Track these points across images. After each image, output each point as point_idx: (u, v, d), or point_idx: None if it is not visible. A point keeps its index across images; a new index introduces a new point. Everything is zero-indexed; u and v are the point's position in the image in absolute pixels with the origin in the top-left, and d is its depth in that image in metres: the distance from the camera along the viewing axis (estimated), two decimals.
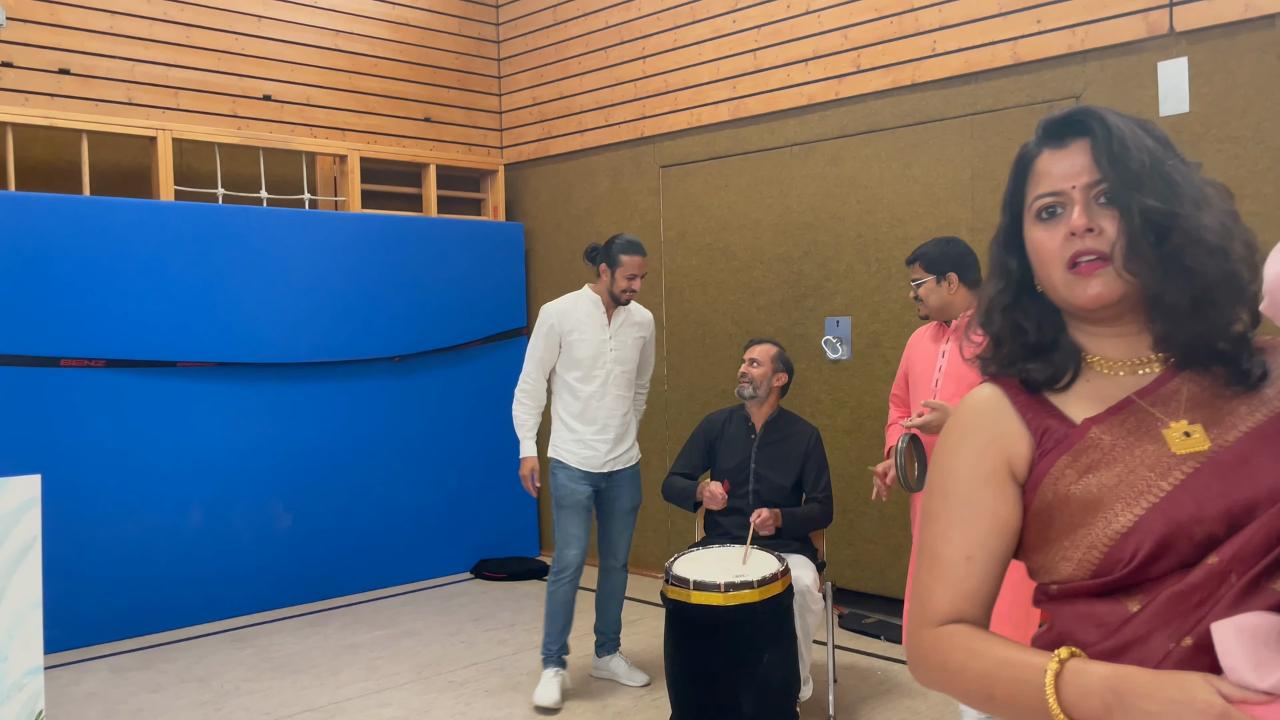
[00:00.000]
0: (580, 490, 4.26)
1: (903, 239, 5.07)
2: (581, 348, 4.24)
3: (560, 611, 4.28)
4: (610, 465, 4.32)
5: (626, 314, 4.37)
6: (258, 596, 5.65)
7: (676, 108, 6.06)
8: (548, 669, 4.27)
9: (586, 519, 4.30)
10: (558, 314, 4.27)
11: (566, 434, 4.29)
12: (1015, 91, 4.67)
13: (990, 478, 1.25)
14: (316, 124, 6.31)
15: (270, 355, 5.68)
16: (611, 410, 4.30)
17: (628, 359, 4.34)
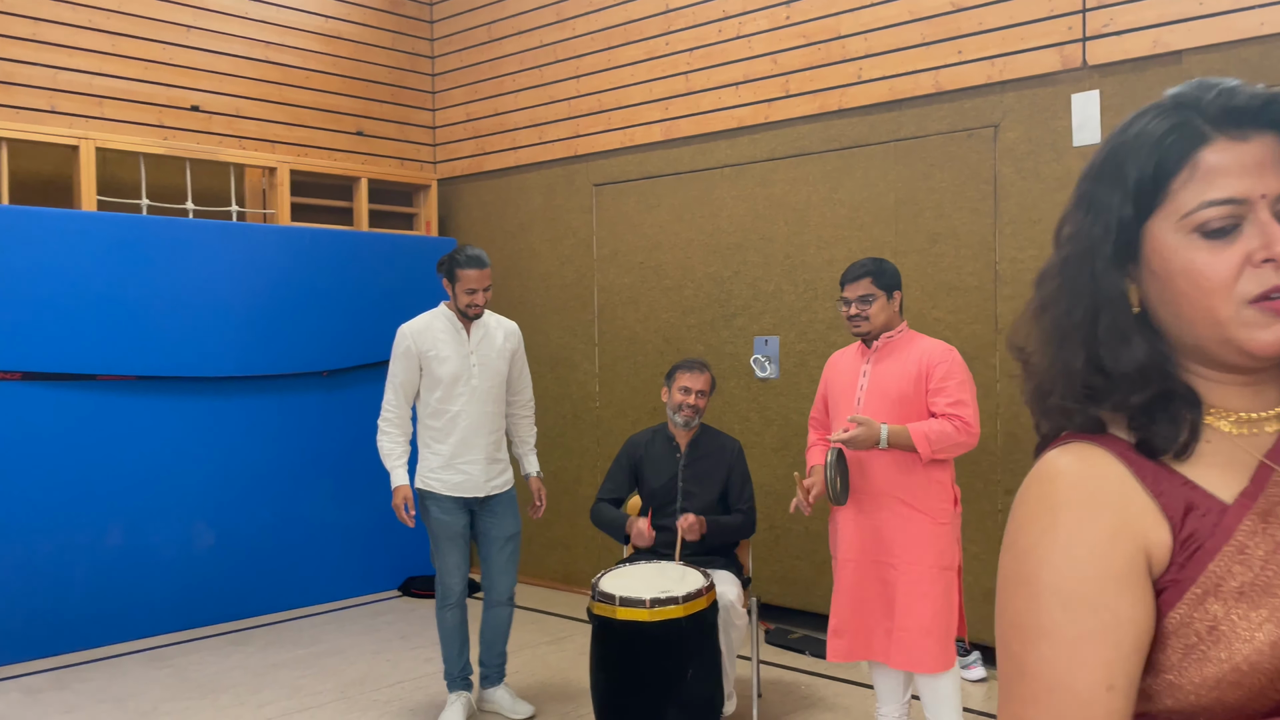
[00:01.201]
0: (455, 522, 4.11)
1: (829, 261, 5.17)
2: (442, 365, 4.06)
3: (453, 636, 4.19)
4: (487, 490, 4.16)
5: (486, 328, 4.20)
6: (177, 615, 5.54)
7: (610, 127, 6.12)
8: (451, 693, 4.23)
9: (464, 547, 4.17)
10: (413, 334, 4.09)
11: (434, 460, 4.10)
12: (937, 119, 4.81)
13: (1126, 576, 0.90)
14: (245, 135, 6.25)
15: (194, 369, 5.59)
16: (481, 429, 4.12)
17: (493, 373, 4.16)
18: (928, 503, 3.41)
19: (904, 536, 3.40)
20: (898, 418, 3.43)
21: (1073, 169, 4.39)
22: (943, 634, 3.39)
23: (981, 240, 4.68)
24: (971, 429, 3.38)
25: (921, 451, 3.34)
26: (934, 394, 3.41)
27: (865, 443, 3.35)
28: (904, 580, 3.38)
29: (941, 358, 3.44)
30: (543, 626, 5.60)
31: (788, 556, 5.36)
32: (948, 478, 3.48)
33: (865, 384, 3.52)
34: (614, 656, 3.47)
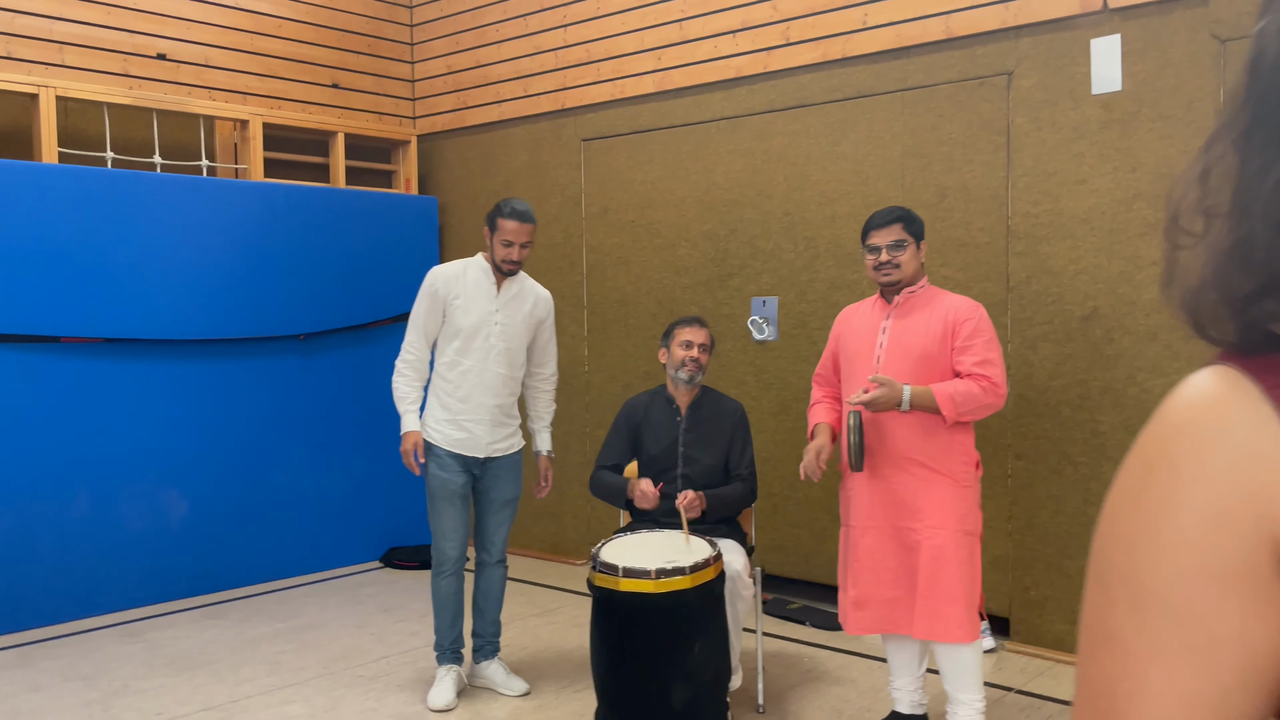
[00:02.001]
0: (453, 480, 3.91)
1: (830, 218, 4.96)
2: (464, 316, 3.88)
3: (447, 605, 4.00)
4: (489, 451, 3.96)
5: (519, 288, 3.99)
6: (149, 588, 5.30)
7: (599, 79, 5.85)
8: (441, 667, 4.03)
9: (463, 510, 3.97)
10: (443, 279, 3.91)
11: (439, 411, 3.93)
12: (947, 67, 4.59)
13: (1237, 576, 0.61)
14: (215, 86, 5.94)
15: (164, 331, 5.32)
16: (490, 389, 3.92)
17: (514, 336, 3.96)
18: (950, 465, 3.23)
19: (926, 500, 3.21)
20: (920, 377, 3.23)
21: (1091, 118, 4.19)
22: (967, 602, 3.21)
23: (993, 194, 4.47)
24: (999, 390, 3.19)
25: (946, 414, 3.15)
26: (959, 352, 3.22)
27: (887, 404, 3.15)
28: (928, 546, 3.19)
29: (969, 314, 3.24)
30: (532, 598, 5.40)
31: (785, 525, 5.18)
32: (970, 440, 3.29)
33: (885, 341, 3.31)
34: (617, 630, 3.27)
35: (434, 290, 3.91)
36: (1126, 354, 4.14)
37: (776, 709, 3.84)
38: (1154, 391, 4.07)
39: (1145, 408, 4.09)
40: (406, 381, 3.93)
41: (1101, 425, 4.20)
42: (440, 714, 3.87)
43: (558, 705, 3.92)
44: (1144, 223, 4.08)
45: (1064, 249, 4.28)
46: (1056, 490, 4.33)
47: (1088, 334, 4.23)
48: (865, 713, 3.79)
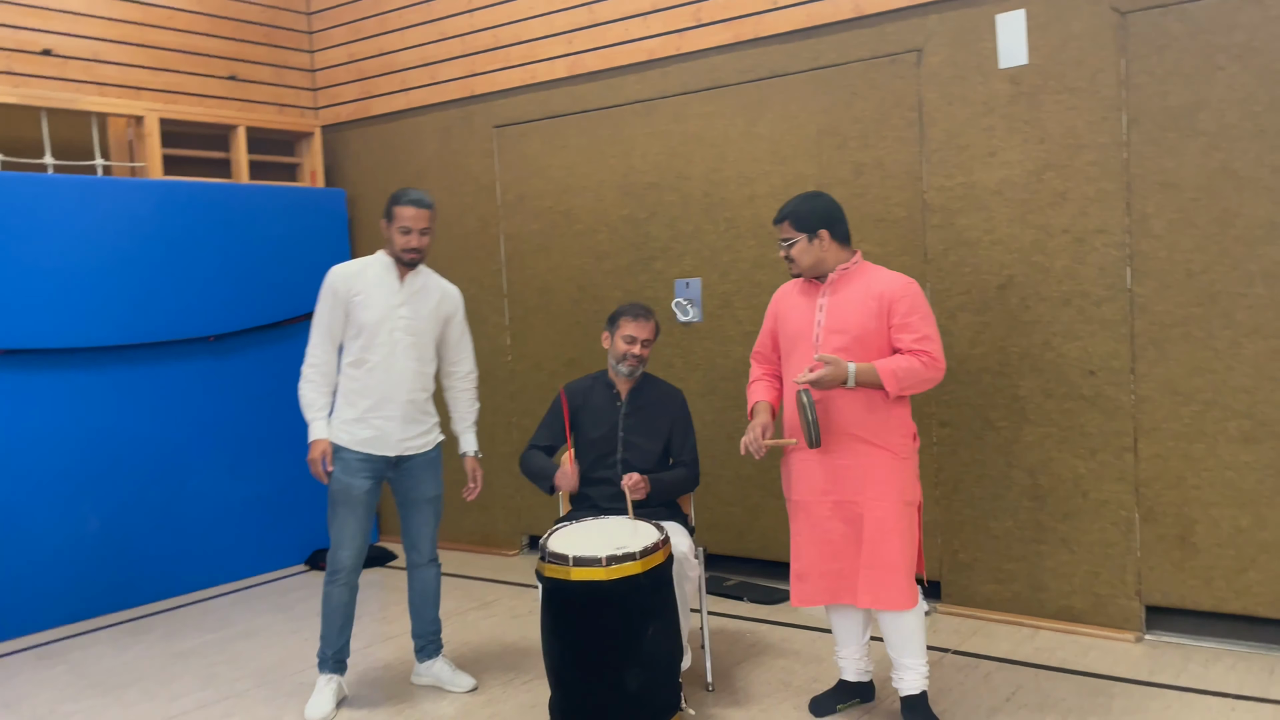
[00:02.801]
0: (357, 486, 3.77)
1: (750, 197, 5.00)
2: (366, 311, 3.77)
3: (336, 614, 3.84)
4: (401, 449, 3.84)
5: (423, 281, 3.89)
6: (67, 607, 5.08)
7: (509, 64, 5.78)
8: (322, 676, 3.88)
9: (364, 518, 3.82)
10: (342, 277, 3.80)
11: (346, 411, 3.80)
12: (858, 45, 4.66)
13: None
14: (106, 81, 5.69)
15: (65, 340, 5.09)
16: (399, 385, 3.81)
17: (421, 330, 3.85)
18: (889, 439, 3.30)
19: (869, 474, 3.28)
20: (858, 354, 3.29)
21: (999, 93, 4.31)
22: (908, 570, 3.29)
23: (908, 170, 4.57)
24: (939, 364, 3.28)
25: (890, 389, 3.22)
26: (898, 330, 3.28)
27: (833, 382, 3.20)
28: (870, 517, 3.26)
29: (903, 291, 3.30)
30: (468, 592, 5.35)
31: (718, 502, 5.23)
32: (907, 413, 3.37)
33: (822, 319, 3.36)
34: (570, 620, 3.26)
35: (334, 289, 3.80)
36: (1042, 320, 4.28)
37: (725, 686, 3.88)
38: (1069, 356, 4.22)
39: (1061, 371, 4.24)
40: (313, 388, 3.81)
41: (1021, 390, 4.34)
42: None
43: (507, 698, 3.90)
44: (1053, 192, 4.22)
45: (978, 220, 4.40)
46: (980, 455, 4.46)
47: (1004, 302, 4.36)
48: (812, 682, 3.86)
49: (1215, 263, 3.92)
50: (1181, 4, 3.93)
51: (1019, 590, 4.43)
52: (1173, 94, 3.97)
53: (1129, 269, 4.09)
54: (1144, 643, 4.13)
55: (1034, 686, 3.74)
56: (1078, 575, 4.28)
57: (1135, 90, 4.04)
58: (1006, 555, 4.44)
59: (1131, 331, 4.10)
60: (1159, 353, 4.06)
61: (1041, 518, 4.34)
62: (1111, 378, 4.15)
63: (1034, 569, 4.38)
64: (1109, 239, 4.12)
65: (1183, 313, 4.00)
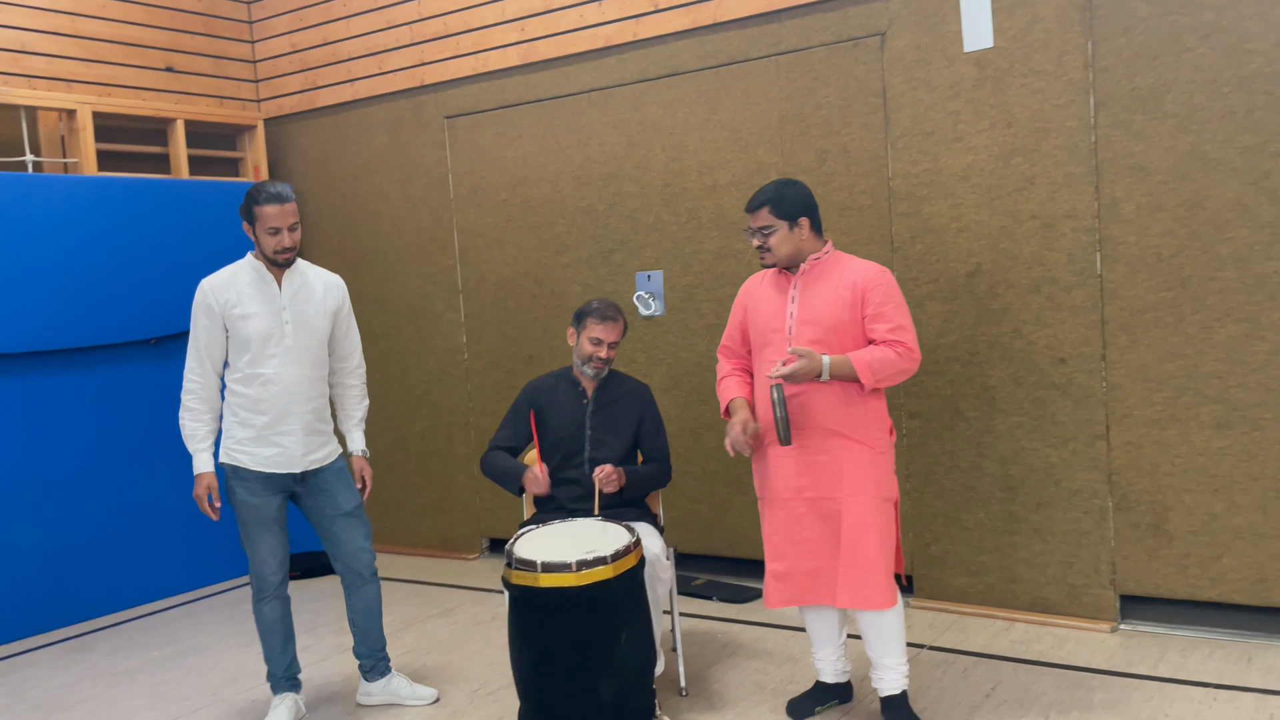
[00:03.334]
0: (265, 506, 3.56)
1: (711, 187, 4.88)
2: (248, 323, 3.49)
3: (274, 631, 3.66)
4: (306, 464, 3.60)
5: (303, 279, 3.62)
6: (3, 625, 4.83)
7: (459, 52, 5.60)
8: (275, 695, 3.71)
9: (279, 533, 3.62)
10: (213, 289, 3.51)
11: (241, 431, 3.54)
12: (820, 30, 4.55)
13: None
14: (35, 74, 5.42)
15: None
16: (299, 395, 3.56)
17: (311, 331, 3.60)
18: (866, 433, 3.20)
19: (846, 469, 3.18)
20: (833, 345, 3.18)
21: (965, 76, 4.23)
22: (887, 568, 3.20)
23: (873, 156, 4.48)
24: (915, 354, 3.18)
25: (865, 381, 3.12)
26: (872, 320, 3.18)
27: (807, 375, 3.08)
28: (848, 514, 3.16)
29: (876, 281, 3.20)
30: (427, 599, 5.18)
31: (684, 500, 5.11)
32: (883, 407, 3.27)
33: (795, 311, 3.25)
34: (540, 627, 3.12)
35: (207, 305, 3.51)
36: (1011, 308, 4.21)
37: (699, 689, 3.77)
38: (1039, 343, 4.16)
39: (1031, 359, 4.17)
40: (194, 416, 3.54)
41: (991, 379, 4.27)
42: None
43: (472, 710, 3.75)
44: (1021, 178, 4.15)
45: (945, 207, 4.32)
46: (950, 446, 4.39)
47: (973, 290, 4.29)
48: (788, 684, 3.76)
49: (1185, 246, 3.88)
50: None
51: (992, 582, 4.36)
52: (1140, 76, 3.91)
53: (1098, 254, 4.03)
54: (1119, 632, 4.08)
55: (1013, 681, 3.67)
56: (1051, 566, 4.23)
57: (1102, 73, 3.98)
58: (979, 547, 4.37)
59: (1102, 318, 4.04)
60: (1130, 339, 4.00)
61: (1014, 508, 4.28)
62: (1082, 365, 4.09)
63: (1007, 560, 4.32)
64: (1078, 224, 4.06)
65: (1153, 298, 3.95)
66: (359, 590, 3.77)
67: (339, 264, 6.21)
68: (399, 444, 6.11)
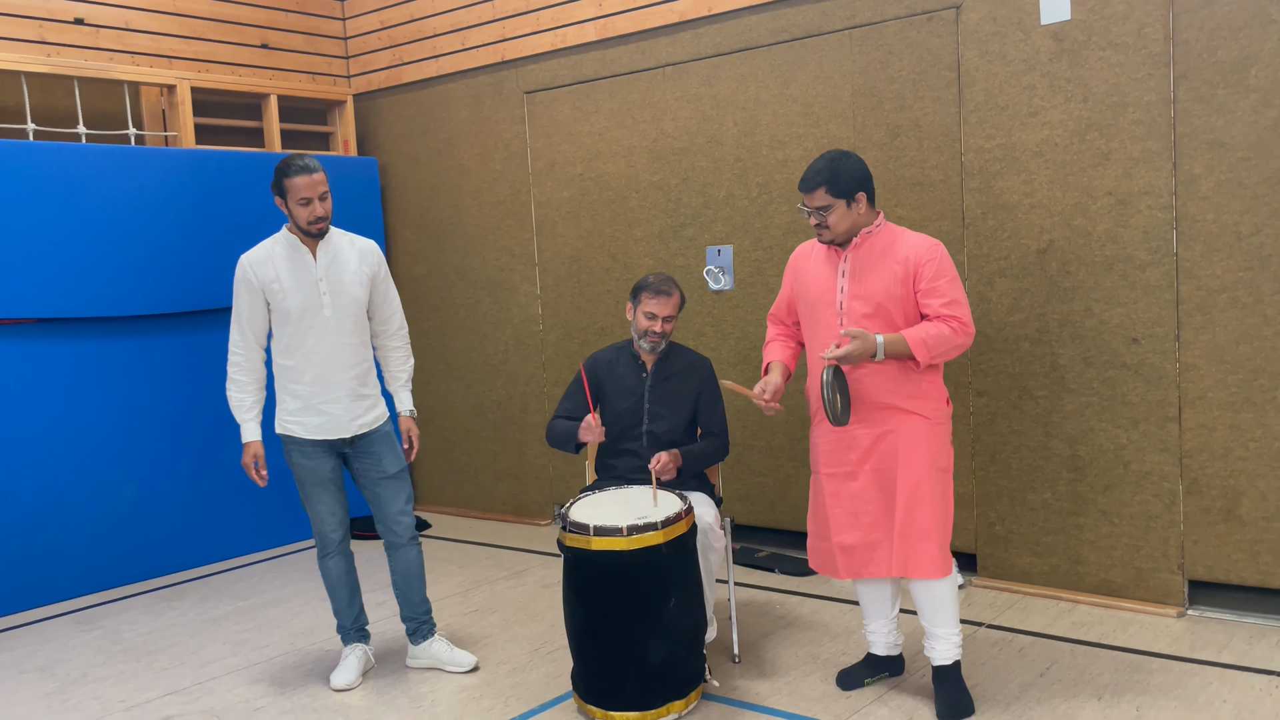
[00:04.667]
0: (320, 466, 3.71)
1: (783, 161, 4.89)
2: (289, 297, 3.59)
3: (339, 586, 3.83)
4: (354, 429, 3.71)
5: (336, 249, 3.69)
6: (103, 574, 5.15)
7: (539, 28, 5.69)
8: (345, 646, 3.90)
9: (337, 491, 3.78)
10: (252, 264, 3.62)
11: (291, 402, 3.68)
12: (894, 2, 4.51)
13: None
14: (139, 51, 5.69)
15: (98, 309, 5.12)
16: (341, 363, 3.67)
17: (349, 300, 3.68)
18: (923, 404, 3.20)
19: (902, 440, 3.19)
20: (884, 320, 3.18)
21: (1041, 50, 4.15)
22: (941, 538, 3.20)
23: (945, 131, 4.43)
24: (969, 329, 3.17)
25: (920, 359, 3.11)
26: (925, 294, 3.17)
27: (861, 356, 3.09)
28: (904, 485, 3.17)
29: (929, 254, 3.18)
30: (499, 561, 5.34)
31: (749, 473, 5.16)
32: (939, 377, 3.28)
33: (845, 286, 3.25)
34: (591, 590, 3.22)
35: (247, 279, 3.63)
36: (1083, 286, 4.14)
37: (752, 658, 3.83)
38: (1110, 323, 4.08)
39: (1103, 339, 4.10)
40: (239, 388, 3.69)
41: (1060, 358, 4.21)
42: (344, 693, 3.75)
43: (532, 667, 3.88)
44: (1097, 153, 4.06)
45: (1018, 183, 4.26)
46: (1018, 425, 4.34)
47: (1044, 267, 4.22)
48: (840, 655, 3.80)
49: (1266, 225, 3.76)
50: None
51: (1057, 564, 4.32)
52: (1222, 49, 3.79)
53: (1175, 232, 3.93)
54: (1186, 618, 4.01)
55: (1069, 662, 3.64)
56: (1118, 549, 4.16)
57: (1183, 45, 3.87)
58: (1044, 528, 4.33)
59: (1177, 297, 3.95)
60: (1205, 319, 3.91)
61: (1081, 489, 4.22)
62: (1155, 345, 4.01)
63: (1073, 542, 4.27)
64: (1154, 201, 3.96)
65: (1231, 277, 3.84)
66: (397, 553, 3.86)
67: (422, 236, 6.39)
68: (477, 412, 6.28)
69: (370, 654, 3.93)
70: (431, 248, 6.38)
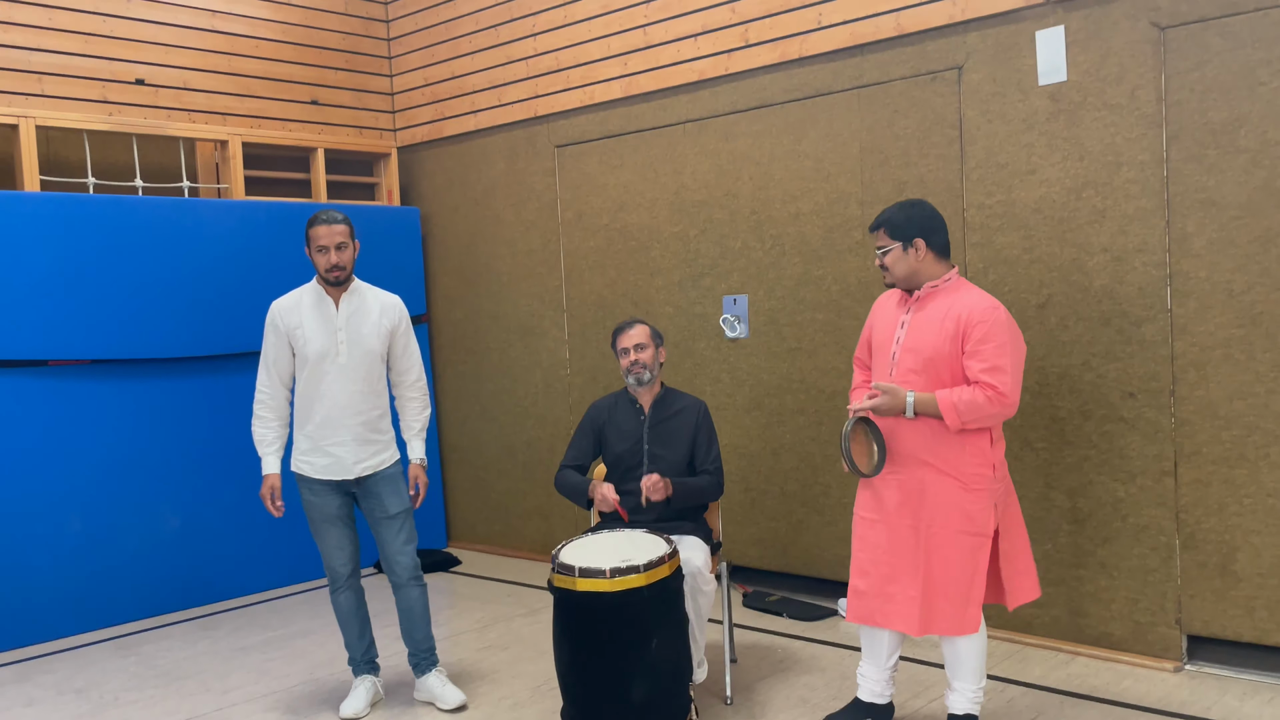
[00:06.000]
0: (327, 504, 3.90)
1: (795, 215, 5.04)
2: (309, 343, 3.81)
3: (350, 619, 4.00)
4: (359, 471, 3.88)
5: (360, 301, 3.90)
6: (145, 602, 5.44)
7: (569, 85, 5.94)
8: (355, 678, 4.08)
9: (345, 528, 3.96)
10: (280, 311, 3.88)
11: (303, 442, 3.90)
12: (900, 63, 4.66)
13: None
14: (194, 108, 6.06)
15: (149, 350, 5.45)
16: (350, 408, 3.84)
17: (365, 351, 3.86)
18: (960, 468, 3.23)
19: (931, 500, 3.26)
20: (930, 376, 3.24)
21: (1039, 110, 4.25)
22: (965, 598, 3.24)
23: (949, 187, 4.54)
24: (1006, 399, 3.14)
25: (950, 422, 3.17)
26: (969, 357, 3.19)
27: (890, 410, 3.20)
28: (929, 544, 3.25)
29: (982, 316, 3.19)
30: (519, 599, 5.51)
31: (763, 518, 5.27)
32: (985, 443, 3.26)
33: (902, 336, 3.33)
34: (576, 628, 3.37)
35: (274, 324, 3.89)
36: (1081, 340, 4.20)
37: (745, 700, 3.93)
38: (1108, 377, 4.14)
39: (1100, 392, 4.15)
40: (263, 424, 3.93)
41: (1060, 411, 4.27)
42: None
43: (531, 704, 4.03)
44: (1093, 210, 4.14)
45: (1017, 239, 4.35)
46: (1019, 476, 4.39)
47: (1044, 321, 4.30)
48: (831, 700, 3.88)
49: (1257, 283, 3.80)
50: (1222, 19, 3.82)
51: (1058, 615, 4.34)
52: (1213, 110, 3.86)
53: (1169, 289, 3.99)
54: (1183, 672, 4.01)
55: (1056, 713, 3.68)
56: (1117, 601, 4.18)
57: (1175, 106, 3.94)
58: (1046, 579, 4.36)
59: (1172, 353, 4.00)
60: (1200, 375, 3.94)
61: (1081, 541, 4.26)
62: (1151, 400, 4.05)
63: (1073, 594, 4.30)
64: (1149, 258, 4.02)
65: (1224, 334, 3.88)
66: (400, 592, 4.01)
67: (460, 282, 6.65)
68: (507, 452, 6.49)
69: (379, 686, 4.12)
70: (468, 293, 6.63)
